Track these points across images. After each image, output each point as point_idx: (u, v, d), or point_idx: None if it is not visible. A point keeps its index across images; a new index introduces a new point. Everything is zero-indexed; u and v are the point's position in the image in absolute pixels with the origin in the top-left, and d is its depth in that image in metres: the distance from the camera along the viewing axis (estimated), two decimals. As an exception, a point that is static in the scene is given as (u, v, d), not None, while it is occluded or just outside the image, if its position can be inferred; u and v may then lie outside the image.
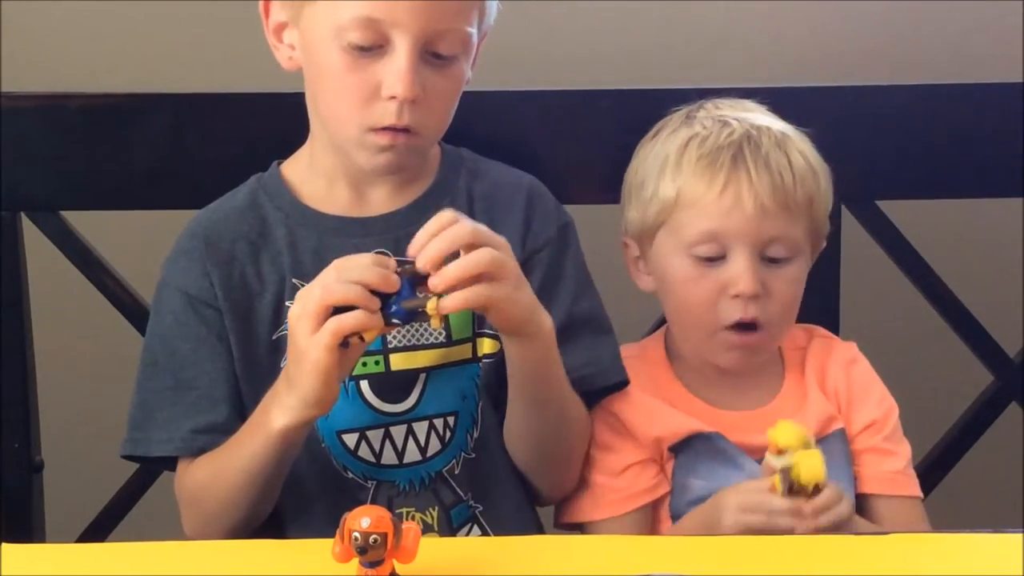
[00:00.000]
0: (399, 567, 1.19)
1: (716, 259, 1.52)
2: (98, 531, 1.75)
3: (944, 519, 1.58)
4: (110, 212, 1.72)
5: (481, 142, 1.65)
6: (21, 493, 1.72)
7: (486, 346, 1.54)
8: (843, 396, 1.59)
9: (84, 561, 1.28)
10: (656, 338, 1.64)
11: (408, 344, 1.51)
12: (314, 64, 1.47)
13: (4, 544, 1.26)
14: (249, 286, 1.51)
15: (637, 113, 1.71)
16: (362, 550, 1.16)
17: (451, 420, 1.53)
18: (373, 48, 1.43)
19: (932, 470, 1.78)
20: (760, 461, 1.47)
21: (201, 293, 1.50)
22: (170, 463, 1.52)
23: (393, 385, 1.51)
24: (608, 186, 1.72)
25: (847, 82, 1.78)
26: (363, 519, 1.16)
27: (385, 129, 1.45)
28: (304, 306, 1.35)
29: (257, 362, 1.51)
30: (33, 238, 1.71)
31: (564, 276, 1.56)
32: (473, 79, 1.55)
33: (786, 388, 1.59)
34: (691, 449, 1.54)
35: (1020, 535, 1.26)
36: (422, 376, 1.52)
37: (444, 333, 1.52)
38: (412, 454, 1.51)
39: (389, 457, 1.51)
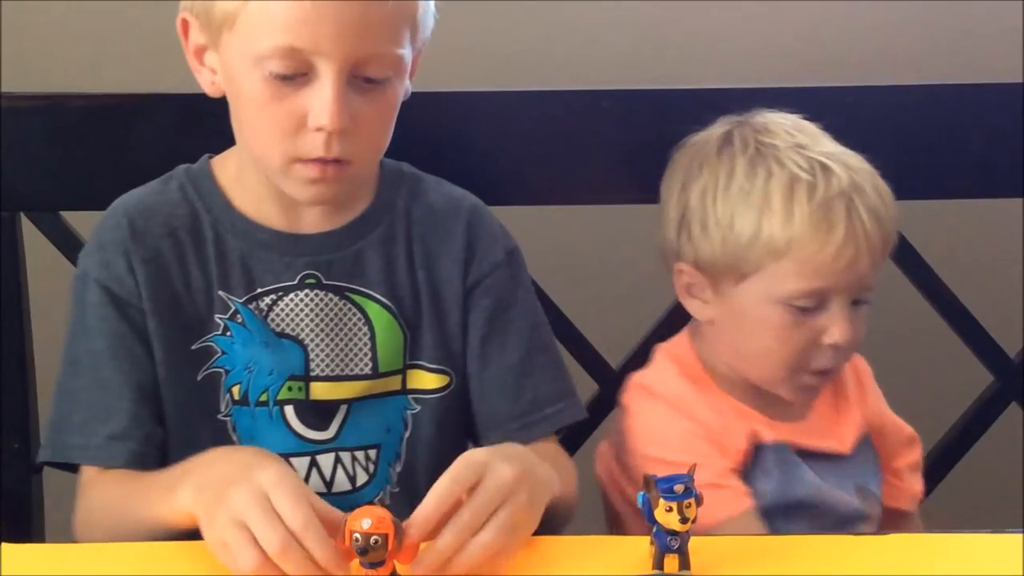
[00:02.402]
0: (400, 568, 1.19)
1: (813, 308, 1.48)
2: (98, 531, 1.75)
3: (944, 519, 1.58)
4: (110, 212, 1.72)
5: (481, 142, 1.65)
6: (21, 493, 1.72)
7: (422, 379, 1.49)
8: (873, 407, 1.60)
9: (84, 561, 1.28)
10: (686, 355, 1.57)
11: (332, 374, 1.46)
12: (236, 92, 1.40)
13: (4, 544, 1.26)
14: (175, 288, 1.44)
15: (637, 113, 1.71)
16: (363, 551, 1.16)
17: (372, 453, 1.48)
18: (296, 76, 1.34)
19: (932, 470, 1.78)
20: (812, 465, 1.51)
21: (123, 291, 1.43)
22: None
23: (314, 413, 1.46)
24: (608, 186, 1.72)
25: (847, 82, 1.78)
26: (364, 520, 1.16)
27: (314, 161, 1.37)
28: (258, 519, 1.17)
29: (178, 369, 1.45)
30: (33, 238, 1.71)
31: (517, 303, 1.51)
32: (474, 79, 1.55)
33: (822, 399, 1.58)
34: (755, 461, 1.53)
35: (1020, 535, 1.26)
36: (343, 407, 1.47)
37: (371, 364, 1.47)
38: (342, 483, 1.46)
39: (316, 485, 1.46)
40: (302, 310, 1.46)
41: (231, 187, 1.48)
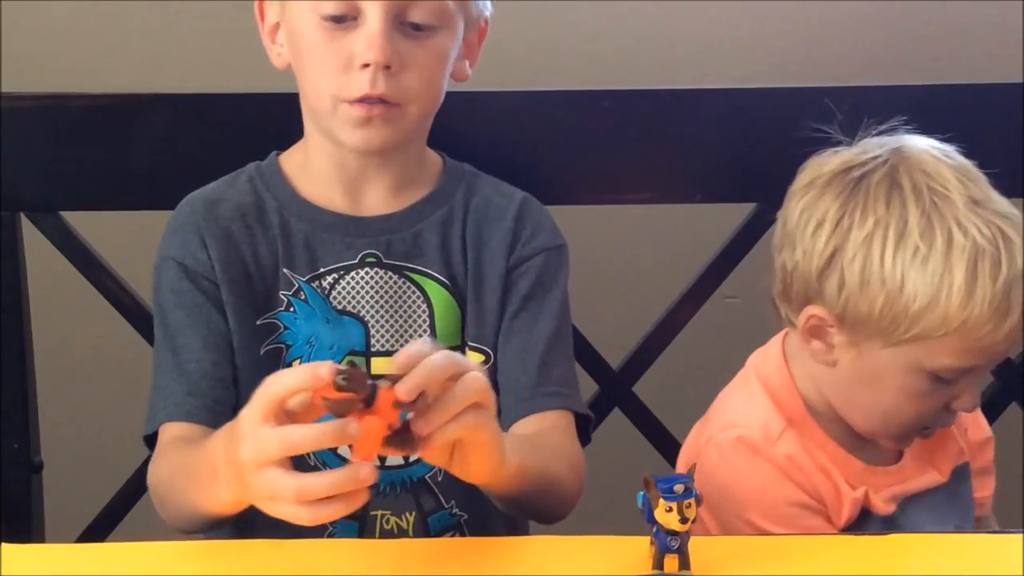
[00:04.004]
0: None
1: (954, 379, 1.42)
2: (98, 531, 1.75)
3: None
4: (110, 212, 1.72)
5: (481, 142, 1.65)
6: (21, 493, 1.72)
7: (472, 357, 1.52)
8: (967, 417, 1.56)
9: (84, 561, 1.28)
10: (786, 389, 1.49)
11: (392, 349, 1.50)
12: (297, 48, 1.48)
13: (4, 544, 1.26)
14: (245, 263, 1.50)
15: (637, 113, 1.71)
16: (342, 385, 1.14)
17: None
18: (347, 19, 1.43)
19: (932, 470, 1.78)
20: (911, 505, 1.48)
21: (198, 265, 1.49)
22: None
23: None
24: (608, 186, 1.72)
25: (847, 82, 1.78)
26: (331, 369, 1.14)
27: (361, 102, 1.43)
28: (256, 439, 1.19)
29: (247, 341, 1.49)
30: (33, 238, 1.71)
31: (555, 289, 1.54)
32: (474, 79, 1.55)
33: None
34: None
35: (1020, 535, 1.26)
36: None
37: (429, 341, 1.51)
38: (394, 458, 1.48)
39: None
40: (363, 288, 1.51)
41: (297, 176, 1.54)
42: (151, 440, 1.48)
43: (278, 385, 1.18)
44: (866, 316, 1.40)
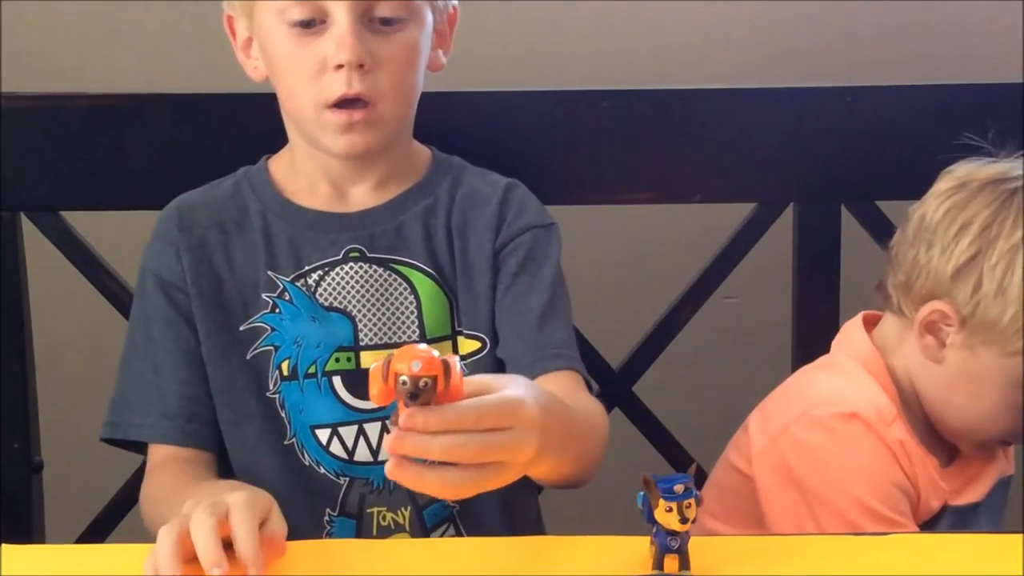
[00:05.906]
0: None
1: None
2: (98, 531, 1.75)
3: (944, 519, 1.57)
4: (110, 212, 1.72)
5: (482, 142, 1.65)
6: (21, 493, 1.72)
7: (467, 346, 1.53)
8: None
9: (84, 561, 1.28)
10: (884, 377, 1.52)
11: (380, 342, 1.51)
12: (270, 57, 1.48)
13: (4, 544, 1.26)
14: (218, 273, 1.51)
15: (637, 113, 1.71)
16: (413, 395, 1.13)
17: None
18: (315, 23, 1.44)
19: (932, 470, 1.78)
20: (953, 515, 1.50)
21: (172, 277, 1.51)
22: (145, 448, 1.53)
23: (365, 382, 1.49)
24: (608, 186, 1.72)
25: (847, 82, 1.78)
26: (413, 362, 1.13)
27: (341, 108, 1.44)
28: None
29: (227, 351, 1.51)
30: (33, 238, 1.71)
31: (546, 264, 1.54)
32: (473, 79, 1.55)
33: None
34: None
35: (1020, 535, 1.26)
36: None
37: (418, 332, 1.52)
38: (387, 452, 1.49)
39: (363, 454, 1.50)
40: (348, 283, 1.52)
41: (283, 178, 1.55)
42: (112, 442, 1.52)
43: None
44: (993, 322, 1.43)
